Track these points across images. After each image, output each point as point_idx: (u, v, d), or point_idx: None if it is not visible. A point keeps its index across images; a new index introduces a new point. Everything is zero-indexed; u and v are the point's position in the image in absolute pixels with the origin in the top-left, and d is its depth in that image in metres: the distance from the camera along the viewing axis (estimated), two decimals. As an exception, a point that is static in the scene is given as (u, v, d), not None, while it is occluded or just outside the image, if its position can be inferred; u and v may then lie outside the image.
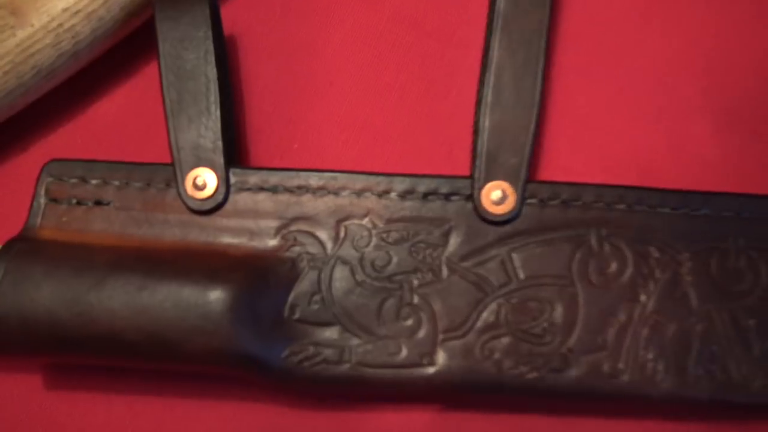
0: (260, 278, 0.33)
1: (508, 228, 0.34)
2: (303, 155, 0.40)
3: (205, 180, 0.35)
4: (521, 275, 0.34)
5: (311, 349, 0.33)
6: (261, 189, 0.35)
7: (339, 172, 0.35)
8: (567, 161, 0.39)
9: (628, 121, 0.39)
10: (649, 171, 0.39)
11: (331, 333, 0.33)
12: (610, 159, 0.39)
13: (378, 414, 0.36)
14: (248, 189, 0.35)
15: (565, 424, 0.35)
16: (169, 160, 0.35)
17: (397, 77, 0.41)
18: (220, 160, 0.35)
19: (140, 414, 0.36)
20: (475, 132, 0.36)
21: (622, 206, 0.34)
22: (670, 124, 0.39)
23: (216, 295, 0.31)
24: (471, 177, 0.34)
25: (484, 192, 0.34)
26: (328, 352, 0.32)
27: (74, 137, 0.40)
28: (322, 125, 0.40)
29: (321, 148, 0.40)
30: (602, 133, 0.39)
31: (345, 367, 0.32)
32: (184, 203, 0.34)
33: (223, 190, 0.34)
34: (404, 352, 0.33)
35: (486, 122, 0.35)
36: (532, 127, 0.35)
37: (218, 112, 0.35)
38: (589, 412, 0.35)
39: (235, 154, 0.38)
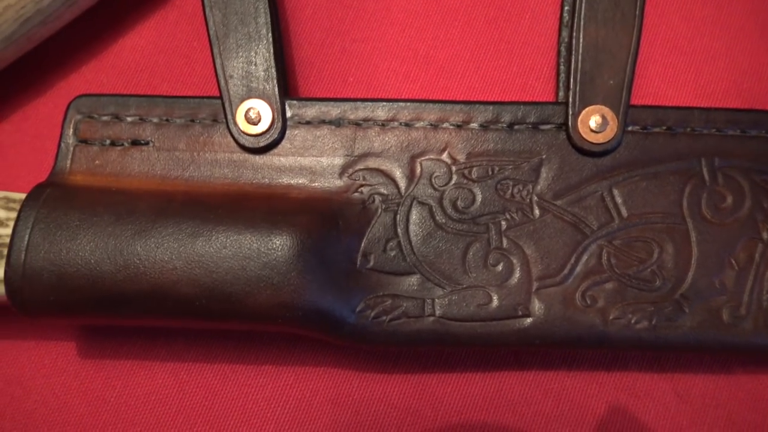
0: (328, 222, 0.29)
1: (607, 160, 0.30)
2: (359, 90, 0.35)
3: (259, 112, 0.30)
4: (624, 213, 0.29)
5: (389, 302, 0.28)
6: (322, 122, 0.31)
7: (411, 101, 0.30)
8: (658, 87, 0.35)
9: (727, 40, 0.35)
10: (756, 96, 0.34)
11: (410, 283, 0.29)
12: (707, 84, 0.35)
13: (462, 377, 0.32)
14: (307, 123, 0.31)
15: (663, 381, 0.31)
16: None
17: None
18: (274, 90, 0.30)
19: (187, 384, 0.31)
20: (563, 53, 0.31)
21: (736, 131, 0.30)
22: (774, 47, 0.36)
23: (281, 241, 0.27)
24: (564, 102, 0.30)
25: (581, 118, 0.30)
26: (408, 305, 0.28)
27: (99, 76, 0.35)
28: (379, 56, 0.35)
29: (379, 82, 0.35)
30: (698, 56, 0.35)
31: (428, 321, 0.28)
32: (236, 140, 0.30)
33: (279, 124, 0.30)
34: (495, 302, 0.29)
35: (580, 39, 0.30)
36: (634, 43, 0.30)
37: (270, 35, 0.30)
38: (702, 367, 0.31)
39: (287, 86, 0.34)
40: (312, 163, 0.30)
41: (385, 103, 0.31)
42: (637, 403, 0.31)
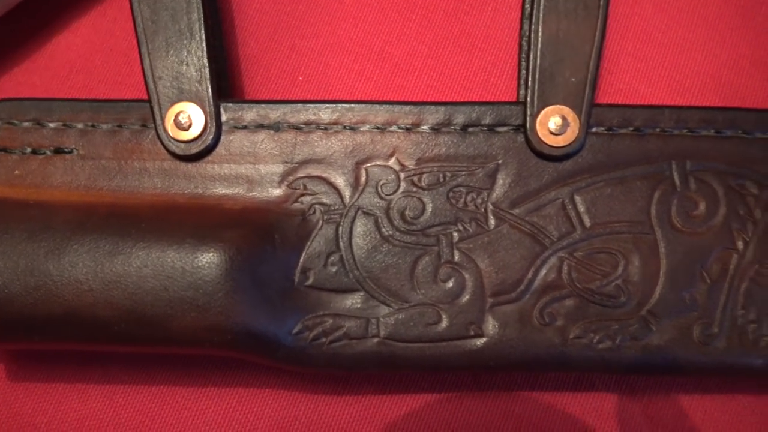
0: (263, 236, 0.26)
1: (569, 164, 0.27)
2: (309, 89, 0.33)
3: (189, 117, 0.27)
4: (587, 222, 0.27)
5: (329, 322, 0.26)
6: (260, 126, 0.28)
7: (356, 103, 0.28)
8: (630, 82, 0.32)
9: (704, 31, 0.32)
10: (735, 90, 0.32)
11: (353, 301, 0.26)
12: (683, 78, 0.32)
13: (417, 399, 0.30)
14: (244, 127, 0.28)
15: (639, 404, 0.29)
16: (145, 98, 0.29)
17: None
18: (207, 92, 0.27)
19: (123, 408, 0.29)
20: (523, 48, 0.29)
21: (710, 132, 0.28)
22: (755, 37, 0.33)
23: (207, 259, 0.25)
24: (522, 102, 0.28)
25: (539, 119, 0.27)
26: (350, 325, 0.26)
27: (31, 78, 0.33)
28: (331, 53, 0.33)
29: (330, 81, 0.33)
30: (673, 48, 0.32)
31: (372, 343, 0.26)
32: (165, 147, 0.27)
33: (212, 129, 0.27)
34: (445, 322, 0.26)
35: (539, 33, 0.28)
36: (598, 37, 0.28)
37: (203, 32, 0.28)
38: (675, 387, 0.29)
39: (227, 88, 0.31)
40: (249, 171, 0.28)
41: (328, 105, 0.28)
42: (605, 426, 0.29)
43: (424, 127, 0.28)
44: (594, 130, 0.28)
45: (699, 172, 0.27)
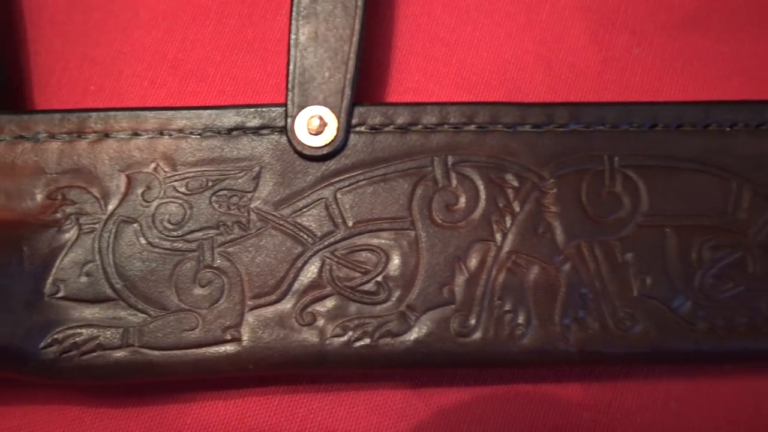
0: (8, 250, 0.26)
1: (333, 164, 0.28)
2: (101, 99, 0.32)
3: (-56, 130, 0.28)
4: (350, 221, 0.27)
5: (83, 333, 0.26)
6: (20, 138, 0.27)
7: (120, 110, 0.28)
8: (419, 81, 0.32)
9: (491, 28, 0.33)
10: (518, 87, 0.32)
11: (109, 311, 0.26)
12: (470, 76, 0.32)
13: (202, 403, 0.30)
14: (6, 139, 0.28)
15: (421, 397, 0.29)
16: None
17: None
18: None
19: None
20: (289, 49, 0.29)
21: (471, 127, 0.28)
22: (540, 33, 0.33)
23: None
24: (284, 104, 0.28)
25: (299, 121, 0.27)
26: (105, 335, 0.26)
27: None
28: (123, 61, 0.32)
29: (123, 90, 0.32)
30: (460, 46, 0.33)
31: (127, 352, 0.25)
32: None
33: (-28, 142, 0.28)
34: (202, 327, 0.26)
35: (299, 35, 0.28)
36: (356, 36, 0.28)
37: None
38: (437, 379, 0.29)
39: (7, 98, 0.31)
40: (9, 183, 0.27)
41: (93, 114, 0.28)
42: (389, 422, 0.29)
43: (191, 132, 0.28)
44: (357, 129, 0.28)
45: (460, 167, 0.28)
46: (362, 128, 0.28)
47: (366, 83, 0.33)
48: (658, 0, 0.33)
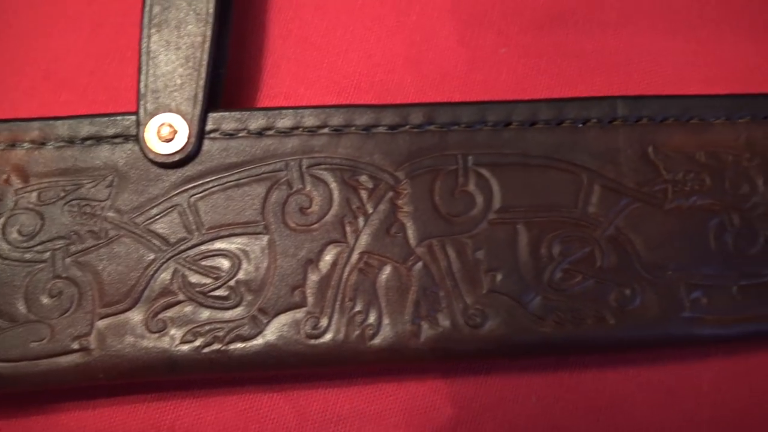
0: None
1: (186, 170, 0.27)
2: (-27, 111, 0.34)
3: None
4: (204, 226, 0.27)
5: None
6: None
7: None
8: (290, 86, 0.33)
9: (362, 31, 0.33)
10: (388, 89, 0.33)
11: (-44, 325, 0.27)
12: (341, 79, 0.33)
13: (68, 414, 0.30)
14: None
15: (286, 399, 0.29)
16: None
17: (90, 4, 0.33)
18: None
19: None
20: (140, 57, 0.29)
21: (326, 130, 0.28)
22: (409, 35, 0.34)
23: None
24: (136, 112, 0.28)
25: (148, 128, 0.27)
26: (-48, 350, 0.26)
27: None
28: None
29: (-4, 101, 0.34)
30: (332, 50, 0.33)
31: (-29, 366, 0.26)
32: None
33: None
34: (50, 338, 0.26)
35: (150, 43, 0.28)
36: (208, 45, 0.28)
37: None
38: (319, 381, 0.30)
39: None
40: None
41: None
42: (258, 426, 0.30)
43: (49, 143, 0.28)
44: (211, 135, 0.28)
45: (314, 170, 0.28)
46: (216, 134, 0.28)
47: (237, 89, 0.33)
48: (522, 0, 0.33)
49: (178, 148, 0.28)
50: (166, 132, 0.28)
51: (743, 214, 0.28)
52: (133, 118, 0.28)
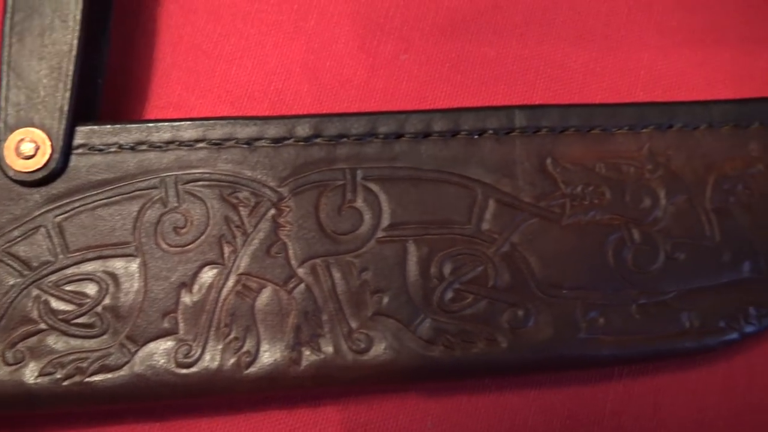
0: None
1: (52, 188, 0.26)
2: None
3: None
4: (70, 249, 0.25)
5: None
6: None
7: None
8: (180, 95, 0.31)
9: (256, 40, 0.31)
10: (283, 98, 0.31)
11: None
12: (232, 89, 0.31)
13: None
14: None
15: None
16: None
17: None
18: None
19: None
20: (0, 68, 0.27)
21: (204, 144, 0.26)
22: (307, 41, 0.32)
23: None
24: (-2, 128, 0.27)
25: (7, 144, 0.25)
26: None
27: None
28: None
29: None
30: (225, 58, 0.31)
31: None
32: None
33: None
34: None
35: (12, 52, 0.26)
36: (75, 54, 0.26)
37: None
38: (162, 413, 0.27)
39: None
40: None
41: None
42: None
43: None
44: (79, 150, 0.26)
45: (191, 186, 0.26)
46: (85, 149, 0.26)
47: (122, 99, 0.31)
48: (425, 5, 0.32)
49: (41, 165, 0.26)
50: (28, 148, 0.26)
51: (644, 228, 0.27)
52: (-7, 133, 0.26)
